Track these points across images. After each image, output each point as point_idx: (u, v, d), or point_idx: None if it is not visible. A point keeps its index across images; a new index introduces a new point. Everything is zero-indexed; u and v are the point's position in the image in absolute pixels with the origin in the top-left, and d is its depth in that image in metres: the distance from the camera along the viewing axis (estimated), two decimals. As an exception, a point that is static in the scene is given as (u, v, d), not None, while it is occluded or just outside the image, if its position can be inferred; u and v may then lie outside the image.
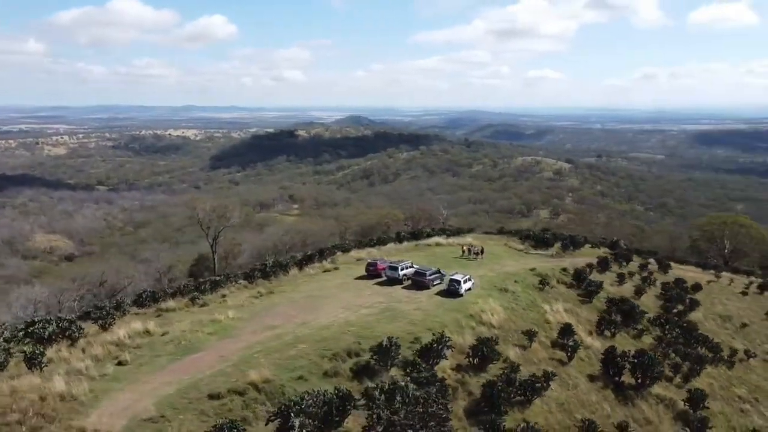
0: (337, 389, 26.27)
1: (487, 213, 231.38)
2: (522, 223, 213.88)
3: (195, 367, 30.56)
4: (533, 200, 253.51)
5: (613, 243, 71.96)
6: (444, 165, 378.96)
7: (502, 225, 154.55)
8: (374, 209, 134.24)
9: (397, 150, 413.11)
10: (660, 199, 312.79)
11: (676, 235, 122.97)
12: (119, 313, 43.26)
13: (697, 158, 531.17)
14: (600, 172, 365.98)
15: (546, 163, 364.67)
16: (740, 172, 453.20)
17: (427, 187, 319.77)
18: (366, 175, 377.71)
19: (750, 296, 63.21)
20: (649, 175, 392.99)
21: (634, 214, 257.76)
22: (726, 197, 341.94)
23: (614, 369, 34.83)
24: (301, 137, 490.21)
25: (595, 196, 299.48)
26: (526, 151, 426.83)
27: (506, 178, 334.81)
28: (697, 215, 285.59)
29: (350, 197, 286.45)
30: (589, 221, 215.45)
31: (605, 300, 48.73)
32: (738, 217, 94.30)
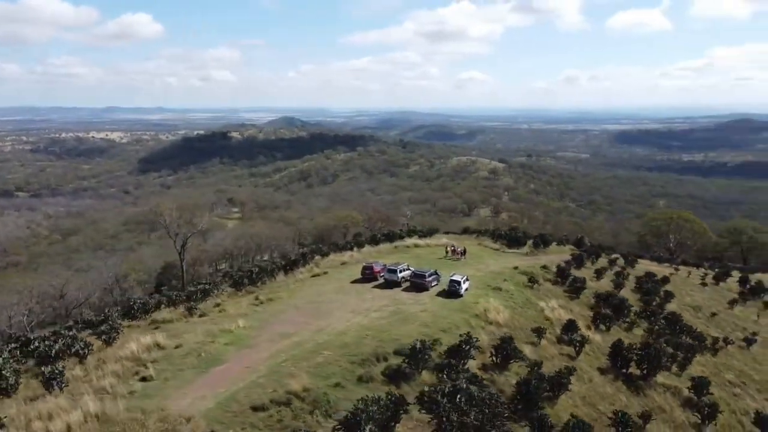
0: (389, 394, 26.35)
1: (430, 212, 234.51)
2: (465, 221, 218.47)
3: (225, 380, 29.75)
4: (473, 199, 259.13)
5: (577, 240, 75.06)
6: (382, 166, 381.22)
7: (446, 224, 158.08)
8: (333, 211, 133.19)
9: (334, 151, 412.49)
10: (589, 197, 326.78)
11: (618, 231, 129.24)
12: (109, 326, 41.66)
13: (619, 157, 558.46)
14: (532, 171, 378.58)
15: (481, 163, 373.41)
16: (659, 169, 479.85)
17: (367, 188, 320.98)
18: (304, 176, 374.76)
19: (709, 287, 67.61)
20: (577, 174, 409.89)
21: (569, 211, 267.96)
22: (649, 194, 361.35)
23: (622, 361, 36.54)
24: (234, 139, 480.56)
25: (529, 195, 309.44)
26: (461, 152, 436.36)
27: (444, 178, 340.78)
28: (624, 211, 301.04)
29: (291, 199, 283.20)
30: (530, 219, 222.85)
31: (591, 295, 50.88)
32: (682, 213, 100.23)
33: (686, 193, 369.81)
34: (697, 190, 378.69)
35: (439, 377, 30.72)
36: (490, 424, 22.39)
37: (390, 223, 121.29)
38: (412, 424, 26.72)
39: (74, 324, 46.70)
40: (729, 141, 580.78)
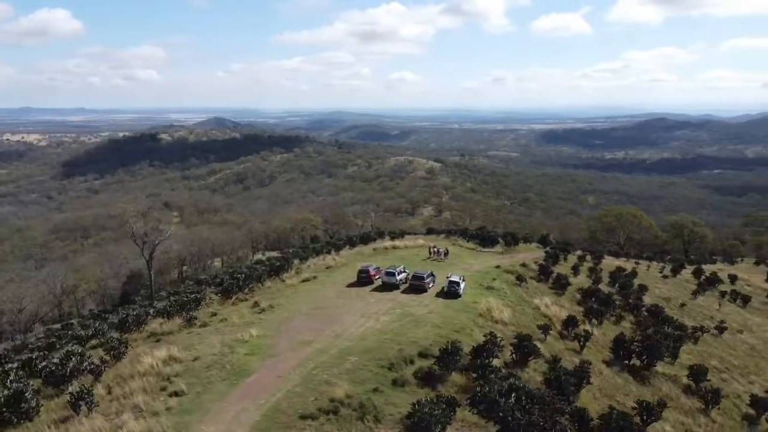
0: (439, 396, 26.83)
1: (375, 213, 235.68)
2: (410, 221, 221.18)
3: (260, 390, 29.27)
4: (416, 199, 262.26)
5: (542, 238, 77.87)
6: (319, 167, 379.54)
7: (391, 223, 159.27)
8: (289, 214, 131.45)
9: (270, 152, 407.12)
10: (523, 194, 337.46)
11: (565, 227, 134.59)
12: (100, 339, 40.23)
13: (547, 155, 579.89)
14: (467, 170, 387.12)
15: (418, 163, 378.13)
16: (584, 167, 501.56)
17: (307, 189, 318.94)
18: (240, 178, 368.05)
19: (670, 279, 71.84)
20: (510, 172, 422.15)
21: (507, 208, 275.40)
22: (578, 190, 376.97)
23: (625, 353, 38.52)
24: (164, 141, 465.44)
25: (467, 193, 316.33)
26: (397, 152, 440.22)
27: (382, 178, 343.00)
28: (557, 208, 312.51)
29: (231, 202, 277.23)
30: (473, 217, 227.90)
31: (575, 291, 53.10)
32: (630, 209, 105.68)
33: (612, 189, 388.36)
34: (622, 186, 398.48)
35: (471, 377, 31.47)
36: (552, 422, 23.23)
37: (346, 225, 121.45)
38: (458, 425, 27.30)
39: (58, 339, 44.44)
40: (646, 139, 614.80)
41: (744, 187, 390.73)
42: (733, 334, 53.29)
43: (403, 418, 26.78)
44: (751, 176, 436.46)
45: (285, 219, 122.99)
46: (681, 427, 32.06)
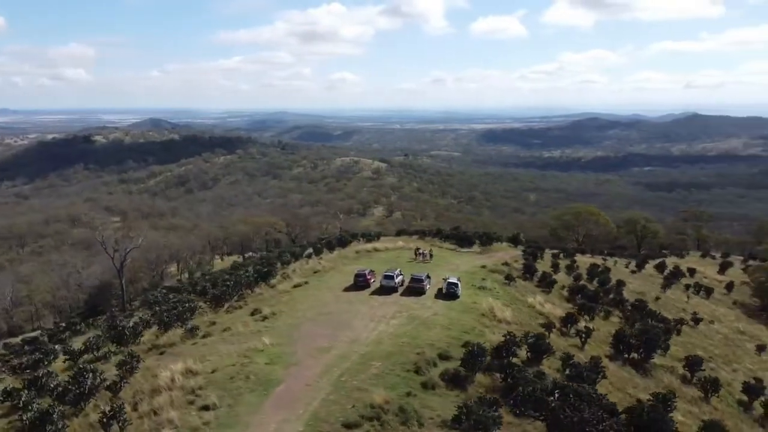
0: (481, 397, 27.33)
1: (326, 214, 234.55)
2: (362, 222, 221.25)
3: (293, 400, 28.92)
4: (367, 199, 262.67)
5: (513, 237, 79.80)
6: (264, 168, 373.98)
7: (345, 224, 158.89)
8: (253, 218, 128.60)
9: (212, 154, 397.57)
10: (469, 193, 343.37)
11: (522, 225, 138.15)
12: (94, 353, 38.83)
13: (487, 154, 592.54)
14: (413, 170, 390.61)
15: (364, 163, 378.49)
16: (524, 165, 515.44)
17: (253, 192, 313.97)
18: (182, 181, 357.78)
19: (638, 274, 75.12)
20: (454, 171, 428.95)
21: (456, 208, 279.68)
22: (520, 189, 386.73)
23: (625, 347, 40.19)
24: (98, 143, 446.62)
25: (414, 193, 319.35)
26: (341, 152, 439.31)
27: (329, 179, 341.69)
28: (502, 206, 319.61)
29: (176, 206, 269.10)
30: (423, 217, 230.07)
31: (561, 288, 54.80)
32: (589, 207, 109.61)
33: (552, 187, 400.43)
34: (561, 185, 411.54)
35: (495, 378, 32.15)
36: (599, 418, 24.08)
37: (308, 228, 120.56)
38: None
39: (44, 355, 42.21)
40: (581, 138, 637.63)
41: (672, 184, 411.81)
42: (707, 325, 56.38)
43: (448, 420, 27.21)
44: (677, 173, 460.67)
45: (249, 223, 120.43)
46: (690, 415, 33.75)
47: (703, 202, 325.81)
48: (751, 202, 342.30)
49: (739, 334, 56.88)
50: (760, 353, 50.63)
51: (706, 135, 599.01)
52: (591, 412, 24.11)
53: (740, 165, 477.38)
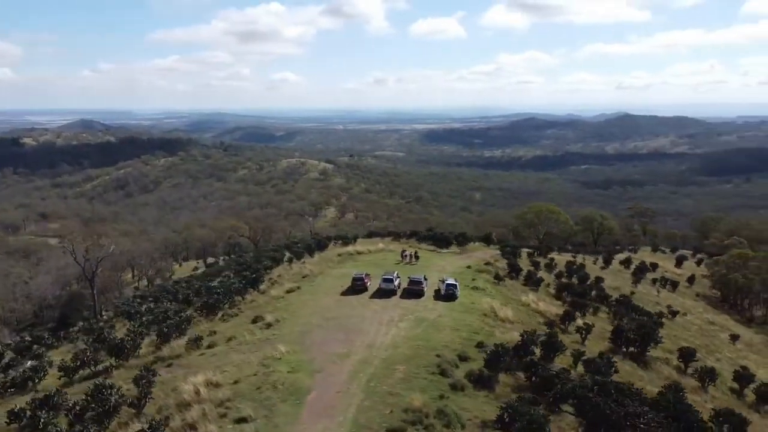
0: (520, 396, 27.92)
1: (277, 216, 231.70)
2: (317, 224, 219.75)
3: (328, 408, 28.62)
4: (317, 201, 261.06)
5: (485, 237, 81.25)
6: (207, 170, 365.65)
7: (296, 226, 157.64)
8: (215, 223, 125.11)
9: (152, 156, 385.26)
10: (416, 193, 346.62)
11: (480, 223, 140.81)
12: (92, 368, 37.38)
13: (430, 154, 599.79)
14: (360, 171, 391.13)
15: (311, 164, 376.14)
16: (466, 165, 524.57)
17: (198, 195, 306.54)
18: (121, 185, 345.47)
19: (607, 270, 77.82)
20: (400, 171, 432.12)
21: (407, 208, 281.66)
22: (465, 188, 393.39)
23: (624, 341, 41.83)
24: (28, 145, 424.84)
25: (363, 194, 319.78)
26: (286, 153, 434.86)
27: (275, 181, 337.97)
28: (449, 206, 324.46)
29: (118, 211, 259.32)
30: (376, 217, 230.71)
31: (547, 286, 56.32)
32: (549, 206, 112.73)
33: (495, 186, 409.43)
34: (504, 183, 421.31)
35: (517, 377, 32.90)
36: (645, 413, 25.08)
37: (273, 233, 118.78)
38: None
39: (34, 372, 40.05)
40: (520, 138, 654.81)
41: (608, 181, 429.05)
42: (682, 317, 59.31)
43: (487, 421, 27.69)
44: (612, 171, 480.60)
45: (212, 228, 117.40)
46: (695, 403, 35.44)
47: (637, 199, 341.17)
48: (681, 198, 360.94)
49: (710, 324, 60.14)
50: (734, 342, 53.72)
51: (637, 134, 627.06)
52: (634, 407, 25.08)
53: (669, 162, 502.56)
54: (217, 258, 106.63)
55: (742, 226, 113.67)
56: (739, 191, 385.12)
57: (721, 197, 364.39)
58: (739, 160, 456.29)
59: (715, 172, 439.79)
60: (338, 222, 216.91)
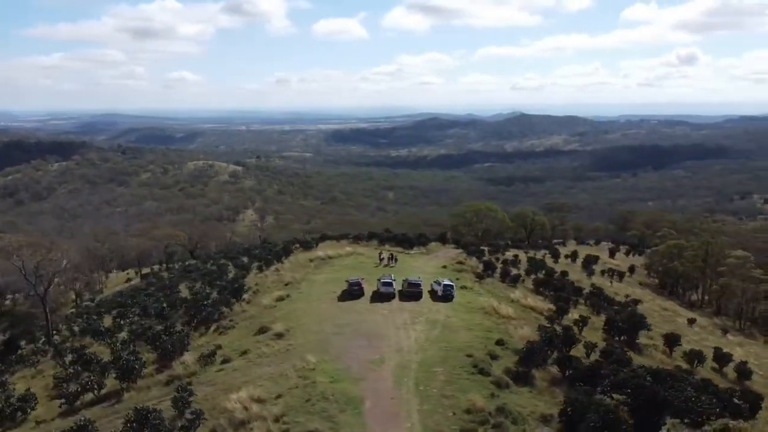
0: (579, 388, 29.31)
1: (193, 221, 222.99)
2: (235, 227, 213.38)
3: (391, 416, 28.62)
4: (233, 204, 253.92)
5: (441, 236, 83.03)
6: (107, 175, 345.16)
7: (217, 231, 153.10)
8: (150, 231, 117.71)
9: (43, 161, 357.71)
10: (330, 194, 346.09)
11: (416, 223, 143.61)
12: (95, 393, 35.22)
13: (338, 154, 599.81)
14: (270, 172, 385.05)
15: (219, 167, 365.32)
16: (374, 164, 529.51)
17: (100, 200, 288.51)
18: (9, 192, 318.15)
19: (557, 264, 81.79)
20: (311, 172, 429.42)
21: (326, 209, 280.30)
22: (377, 187, 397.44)
23: (616, 332, 44.67)
24: None
25: (277, 196, 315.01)
26: (188, 155, 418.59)
27: (182, 184, 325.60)
28: (364, 205, 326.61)
29: (12, 220, 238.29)
30: (297, 219, 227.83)
31: (522, 282, 58.68)
32: (487, 204, 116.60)
33: (406, 185, 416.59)
34: (413, 182, 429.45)
35: (549, 371, 34.45)
36: (699, 397, 27.24)
37: (216, 240, 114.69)
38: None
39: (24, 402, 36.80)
40: (424, 137, 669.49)
41: (510, 178, 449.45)
42: (641, 305, 63.83)
43: (547, 415, 28.92)
44: (513, 168, 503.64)
45: (148, 236, 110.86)
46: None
47: (539, 194, 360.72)
48: (578, 193, 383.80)
49: (665, 310, 65.23)
50: (692, 325, 58.68)
51: (532, 133, 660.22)
52: (689, 391, 27.17)
53: (564, 159, 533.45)
54: (152, 268, 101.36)
55: (656, 218, 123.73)
56: (627, 185, 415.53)
57: (612, 191, 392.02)
58: (625, 156, 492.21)
59: (605, 168, 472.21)
60: (259, 225, 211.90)
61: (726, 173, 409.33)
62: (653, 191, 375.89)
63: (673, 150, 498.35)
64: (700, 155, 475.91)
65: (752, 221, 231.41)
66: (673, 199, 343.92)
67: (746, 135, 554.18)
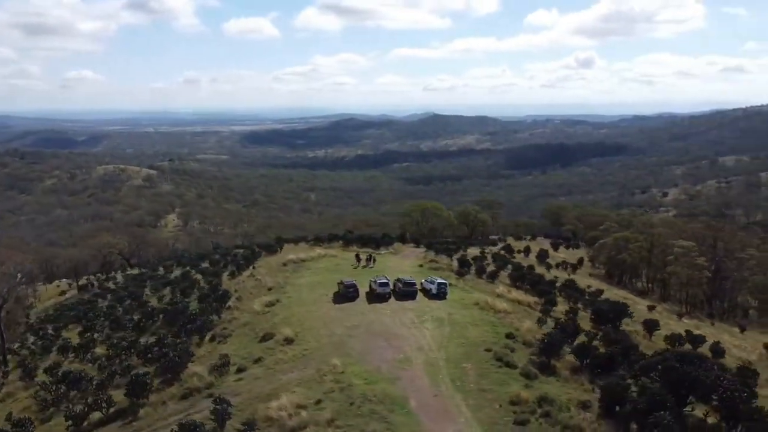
0: (612, 373, 31.00)
1: (116, 229, 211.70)
2: (162, 234, 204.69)
3: (440, 411, 29.11)
4: (154, 210, 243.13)
5: (401, 236, 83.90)
6: (5, 182, 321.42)
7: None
8: (93, 239, 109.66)
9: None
10: (251, 197, 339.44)
11: (337, 223, 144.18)
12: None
13: (255, 156, 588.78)
14: (188, 176, 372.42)
15: (132, 171, 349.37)
16: (292, 166, 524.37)
17: (3, 209, 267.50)
18: None
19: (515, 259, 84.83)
20: (230, 175, 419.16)
21: (253, 212, 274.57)
22: (299, 189, 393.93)
23: (603, 319, 47.28)
24: None
25: (197, 200, 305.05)
26: (97, 160, 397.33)
27: (92, 190, 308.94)
28: (287, 207, 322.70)
29: None
30: (227, 223, 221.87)
31: (498, 276, 60.62)
32: (433, 203, 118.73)
33: (328, 186, 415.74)
34: (335, 183, 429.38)
35: (567, 360, 36.12)
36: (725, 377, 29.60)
37: (147, 246, 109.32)
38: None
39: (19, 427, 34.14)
40: (341, 138, 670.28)
41: (428, 177, 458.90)
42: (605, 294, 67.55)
43: (584, 401, 30.41)
44: (430, 167, 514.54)
45: (87, 245, 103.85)
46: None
47: (457, 192, 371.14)
48: (494, 190, 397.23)
49: (624, 299, 69.36)
50: (651, 312, 62.74)
51: (446, 132, 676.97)
52: (717, 373, 29.51)
53: (478, 159, 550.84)
54: (88, 279, 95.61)
55: (586, 213, 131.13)
56: (538, 182, 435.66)
57: (525, 188, 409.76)
58: (535, 154, 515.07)
59: (516, 166, 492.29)
60: (185, 230, 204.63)
61: (626, 169, 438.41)
62: (563, 187, 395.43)
63: (578, 148, 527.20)
64: (602, 153, 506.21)
65: (655, 213, 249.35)
66: (582, 194, 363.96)
67: (640, 134, 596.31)
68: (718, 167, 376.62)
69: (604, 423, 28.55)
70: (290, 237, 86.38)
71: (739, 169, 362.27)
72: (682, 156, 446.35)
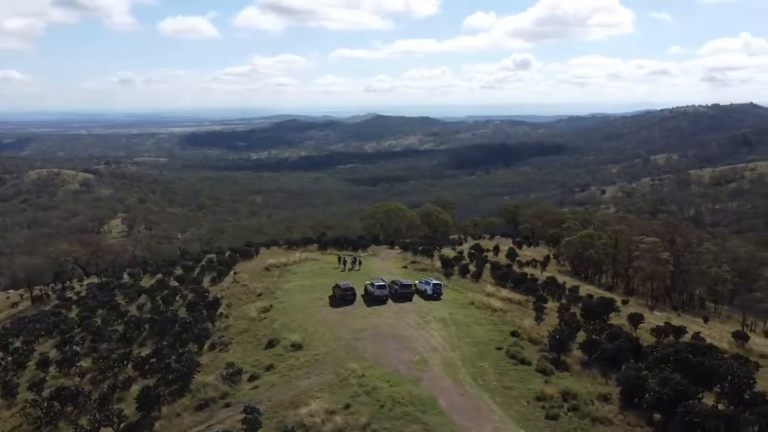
0: (627, 366, 32.26)
1: (56, 236, 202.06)
2: (103, 239, 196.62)
3: (472, 410, 29.54)
4: (97, 215, 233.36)
5: (374, 238, 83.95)
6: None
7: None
8: (50, 246, 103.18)
9: None
10: (197, 200, 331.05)
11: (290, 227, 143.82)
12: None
13: (195, 158, 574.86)
14: (127, 180, 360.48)
15: (67, 175, 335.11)
16: (235, 168, 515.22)
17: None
18: None
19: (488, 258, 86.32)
20: (172, 178, 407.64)
21: (201, 216, 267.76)
22: (245, 191, 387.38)
23: (593, 314, 49.03)
24: None
25: (138, 204, 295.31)
26: (27, 163, 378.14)
27: (25, 195, 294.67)
28: (235, 211, 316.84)
29: None
30: (176, 228, 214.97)
31: (481, 275, 61.73)
32: (397, 205, 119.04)
33: (274, 187, 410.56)
34: (281, 185, 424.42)
35: (577, 355, 37.34)
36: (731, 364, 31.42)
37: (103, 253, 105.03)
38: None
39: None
40: (284, 139, 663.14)
41: (374, 178, 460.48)
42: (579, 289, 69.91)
43: (604, 394, 31.52)
44: (375, 168, 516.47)
45: (42, 253, 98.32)
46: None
47: (405, 192, 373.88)
48: (439, 190, 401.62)
49: (594, 293, 71.96)
50: (625, 305, 65.40)
51: (389, 133, 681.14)
52: (729, 362, 31.28)
53: (422, 159, 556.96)
54: (43, 288, 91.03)
55: (543, 212, 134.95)
56: (482, 181, 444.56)
57: (470, 187, 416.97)
58: (477, 154, 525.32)
59: (460, 166, 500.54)
60: (132, 235, 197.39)
61: (566, 168, 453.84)
62: (507, 186, 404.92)
63: (519, 148, 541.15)
64: (542, 152, 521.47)
65: (596, 210, 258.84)
66: (525, 192, 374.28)
67: (576, 134, 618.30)
68: (650, 165, 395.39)
69: (627, 414, 29.78)
70: (260, 241, 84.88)
71: (669, 167, 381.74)
72: (617, 155, 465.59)
